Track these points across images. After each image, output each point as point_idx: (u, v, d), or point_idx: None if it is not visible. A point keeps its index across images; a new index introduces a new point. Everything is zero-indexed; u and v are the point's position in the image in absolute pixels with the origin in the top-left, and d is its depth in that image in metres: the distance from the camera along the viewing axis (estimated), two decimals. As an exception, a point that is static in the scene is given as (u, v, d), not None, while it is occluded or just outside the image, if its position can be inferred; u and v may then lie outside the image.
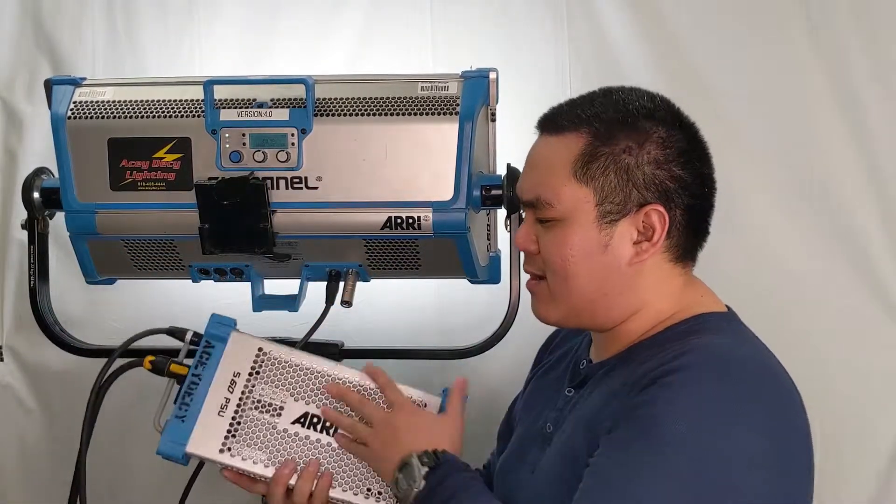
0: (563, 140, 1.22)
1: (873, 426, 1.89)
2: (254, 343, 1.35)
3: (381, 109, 1.46)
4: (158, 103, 1.49)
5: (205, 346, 1.34)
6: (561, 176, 1.21)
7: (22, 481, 2.16)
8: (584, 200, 1.20)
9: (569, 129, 1.22)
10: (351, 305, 1.52)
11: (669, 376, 1.11)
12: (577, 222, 1.20)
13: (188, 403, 1.30)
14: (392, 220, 1.46)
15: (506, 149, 1.57)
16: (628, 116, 1.21)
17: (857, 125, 1.88)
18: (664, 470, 1.07)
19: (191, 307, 2.02)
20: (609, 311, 1.24)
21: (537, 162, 1.25)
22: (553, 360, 1.43)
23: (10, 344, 2.12)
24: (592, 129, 1.21)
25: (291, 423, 1.31)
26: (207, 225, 1.47)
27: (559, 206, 1.21)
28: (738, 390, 1.11)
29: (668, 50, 1.93)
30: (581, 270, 1.21)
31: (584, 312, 1.25)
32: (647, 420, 1.09)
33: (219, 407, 1.30)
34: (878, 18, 1.87)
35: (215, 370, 1.32)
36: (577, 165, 1.20)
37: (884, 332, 1.90)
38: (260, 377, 1.33)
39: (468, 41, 1.98)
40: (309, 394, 1.33)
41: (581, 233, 1.20)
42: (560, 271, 1.22)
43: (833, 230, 1.90)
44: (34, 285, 1.61)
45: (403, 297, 1.96)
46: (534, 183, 1.24)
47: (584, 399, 1.25)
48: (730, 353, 1.16)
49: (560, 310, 1.25)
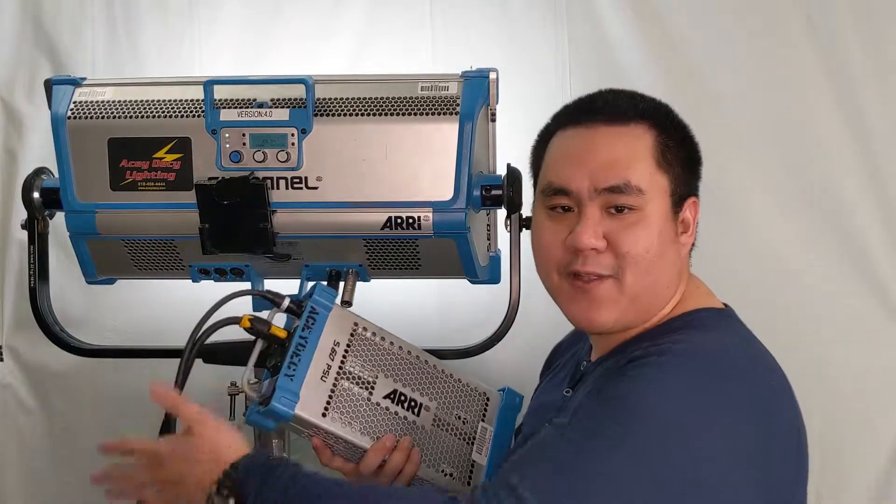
0: (632, 130, 1.21)
1: (873, 426, 1.89)
2: (350, 317, 1.37)
3: (381, 109, 1.46)
4: (158, 103, 1.49)
5: (311, 311, 1.33)
6: (647, 163, 1.20)
7: (22, 481, 2.16)
8: (663, 190, 1.20)
9: (634, 119, 1.22)
10: (351, 305, 1.52)
11: (649, 358, 1.11)
12: (658, 212, 1.19)
13: (296, 363, 1.29)
14: (392, 220, 1.46)
15: (506, 149, 1.57)
16: (669, 113, 1.24)
17: (857, 125, 1.88)
18: (625, 439, 1.06)
19: (191, 307, 2.02)
20: (657, 304, 1.23)
21: (614, 146, 1.21)
22: (558, 367, 1.44)
23: (10, 344, 2.13)
24: (656, 121, 1.22)
25: (383, 397, 1.34)
26: (207, 225, 1.46)
27: (648, 193, 1.19)
28: (713, 386, 1.11)
29: (667, 50, 1.93)
30: (662, 264, 1.20)
31: (642, 311, 1.22)
32: (614, 393, 1.10)
33: (321, 372, 1.30)
34: (878, 18, 1.87)
35: (319, 336, 1.32)
36: (657, 154, 1.20)
37: (884, 332, 1.90)
38: (353, 351, 1.34)
39: (468, 41, 1.98)
40: (398, 372, 1.36)
41: (662, 223, 1.20)
42: (642, 264, 1.18)
43: (833, 230, 1.90)
44: (34, 285, 1.61)
45: (403, 297, 1.96)
46: (617, 169, 1.19)
47: (577, 395, 1.25)
48: (713, 343, 1.17)
49: (621, 309, 1.21)
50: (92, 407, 2.12)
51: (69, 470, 2.16)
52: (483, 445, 1.39)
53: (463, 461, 1.37)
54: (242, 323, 1.31)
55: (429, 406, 1.37)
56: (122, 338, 2.08)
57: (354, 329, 1.36)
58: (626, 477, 1.05)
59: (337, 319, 1.35)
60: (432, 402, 1.37)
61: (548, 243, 1.24)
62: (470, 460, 1.38)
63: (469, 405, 1.40)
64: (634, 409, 1.08)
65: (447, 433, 1.37)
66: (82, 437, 2.13)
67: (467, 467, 1.37)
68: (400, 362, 1.37)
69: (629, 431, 1.07)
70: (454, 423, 1.38)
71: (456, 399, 1.39)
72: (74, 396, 2.12)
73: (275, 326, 1.33)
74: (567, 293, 1.23)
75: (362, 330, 1.36)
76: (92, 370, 2.05)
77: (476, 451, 1.38)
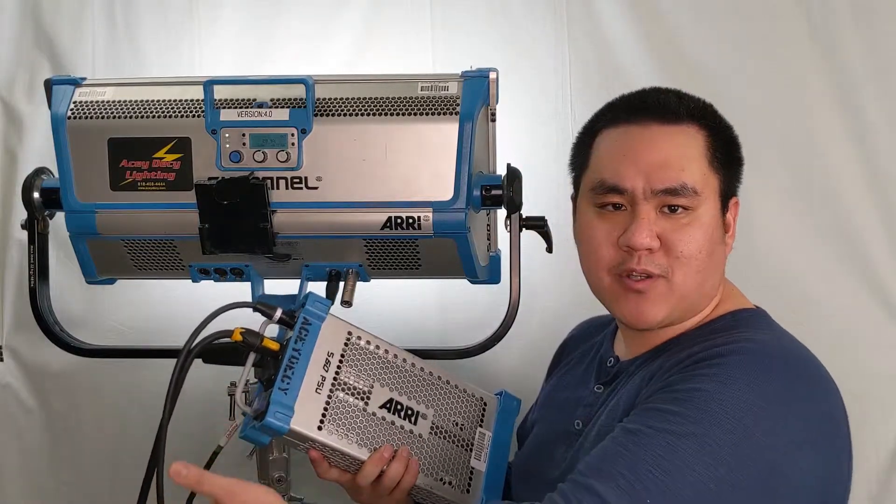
0: (684, 130, 1.22)
1: (873, 426, 1.89)
2: (344, 326, 1.35)
3: (381, 109, 1.46)
4: (158, 103, 1.48)
5: (303, 322, 1.32)
6: (700, 163, 1.21)
7: (22, 481, 2.16)
8: (714, 191, 1.22)
9: (686, 119, 1.22)
10: (351, 305, 1.52)
11: (720, 358, 1.11)
12: (709, 213, 1.21)
13: (290, 377, 1.28)
14: (392, 220, 1.46)
15: (506, 149, 1.57)
16: (715, 114, 1.26)
17: (857, 125, 1.88)
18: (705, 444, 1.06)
19: (191, 307, 2.02)
20: (701, 304, 1.24)
21: (667, 147, 1.21)
22: (573, 361, 1.43)
23: (10, 344, 2.12)
24: (706, 121, 1.23)
25: (379, 407, 1.33)
26: (207, 225, 1.46)
27: (702, 194, 1.20)
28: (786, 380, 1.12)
29: (667, 50, 1.93)
30: (712, 263, 1.22)
31: (687, 307, 1.23)
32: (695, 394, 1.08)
33: (316, 384, 1.29)
34: (878, 18, 1.87)
35: (313, 347, 1.31)
36: (710, 155, 1.21)
37: (884, 332, 1.90)
38: (348, 361, 1.33)
39: (468, 41, 1.98)
40: (394, 381, 1.35)
41: (714, 223, 1.22)
42: (693, 264, 1.20)
43: (833, 230, 1.90)
44: (34, 285, 1.61)
45: (403, 297, 1.96)
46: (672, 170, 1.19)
47: (616, 392, 1.24)
48: (778, 345, 1.18)
49: (671, 306, 1.22)
50: (92, 407, 2.12)
51: (69, 470, 2.16)
52: (482, 451, 1.38)
53: (462, 469, 1.36)
54: (234, 336, 1.30)
55: (426, 414, 1.35)
56: (122, 338, 2.08)
57: (348, 338, 1.34)
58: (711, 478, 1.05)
59: (330, 329, 1.33)
60: (429, 409, 1.36)
61: (598, 242, 1.24)
62: (469, 467, 1.37)
63: (466, 411, 1.39)
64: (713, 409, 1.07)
65: (445, 441, 1.36)
66: (82, 437, 2.13)
67: (466, 474, 1.36)
68: (395, 371, 1.36)
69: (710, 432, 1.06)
70: (452, 430, 1.37)
71: (453, 405, 1.38)
72: (74, 396, 2.12)
73: (267, 339, 1.31)
74: (617, 293, 1.23)
75: (356, 339, 1.35)
76: (92, 370, 2.05)
77: (475, 458, 1.37)
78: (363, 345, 1.35)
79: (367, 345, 1.35)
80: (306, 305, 1.33)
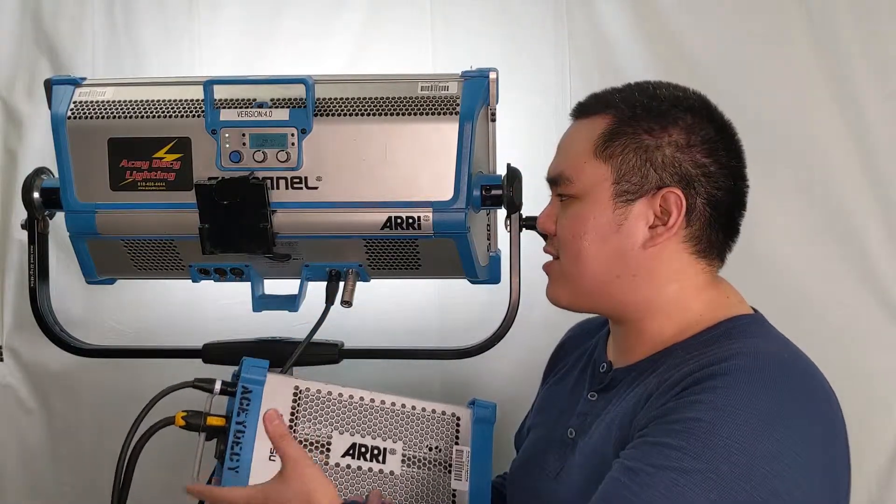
0: (589, 122, 1.25)
1: (873, 426, 1.89)
2: (289, 382, 1.33)
3: (381, 109, 1.46)
4: (158, 103, 1.49)
5: (243, 392, 1.29)
6: (582, 153, 1.23)
7: (22, 481, 2.16)
8: (602, 178, 1.21)
9: (595, 111, 1.25)
10: (351, 305, 1.52)
11: (714, 380, 1.08)
12: (593, 200, 1.22)
13: (238, 453, 1.25)
14: (392, 220, 1.46)
15: (506, 149, 1.57)
16: (654, 101, 1.22)
17: (857, 125, 1.88)
18: (709, 478, 1.03)
19: (191, 307, 2.02)
20: (623, 294, 1.22)
21: (563, 142, 1.29)
22: (567, 366, 1.42)
23: (10, 344, 2.12)
24: (618, 110, 1.23)
25: (341, 456, 1.30)
26: (207, 225, 1.46)
27: (578, 182, 1.23)
28: (784, 395, 1.09)
29: (668, 50, 1.93)
30: (592, 249, 1.22)
31: (596, 295, 1.25)
32: (694, 425, 1.05)
33: (269, 452, 1.26)
34: (878, 18, 1.87)
35: (258, 415, 1.28)
36: (598, 143, 1.22)
37: (884, 332, 1.90)
38: (301, 416, 1.30)
39: (468, 41, 1.98)
40: (352, 424, 1.32)
41: (596, 210, 1.21)
42: (572, 249, 1.23)
43: (833, 230, 1.90)
44: (34, 285, 1.61)
45: (403, 297, 1.96)
46: (558, 161, 1.27)
47: (611, 403, 1.22)
48: (773, 357, 1.13)
49: (571, 291, 1.26)
50: (92, 407, 2.12)
51: (69, 470, 2.16)
52: (462, 470, 1.35)
53: (443, 494, 1.33)
54: (176, 422, 1.29)
55: (394, 449, 1.33)
56: (122, 338, 2.08)
57: (296, 393, 1.32)
58: None
59: (274, 390, 1.30)
60: (397, 443, 1.33)
61: None
62: (450, 490, 1.34)
63: (439, 432, 1.36)
64: (715, 441, 1.04)
65: (420, 469, 1.33)
66: (82, 437, 2.13)
67: (448, 498, 1.33)
68: (353, 412, 1.33)
69: (714, 467, 1.03)
70: (426, 457, 1.34)
71: (423, 430, 1.36)
72: (74, 396, 2.12)
73: (211, 417, 1.30)
74: None
75: (305, 391, 1.32)
76: (92, 370, 2.05)
77: (455, 479, 1.34)
78: (313, 394, 1.32)
79: (318, 393, 1.32)
80: (242, 373, 1.30)
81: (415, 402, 1.37)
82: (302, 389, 1.32)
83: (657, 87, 1.25)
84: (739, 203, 1.25)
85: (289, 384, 1.32)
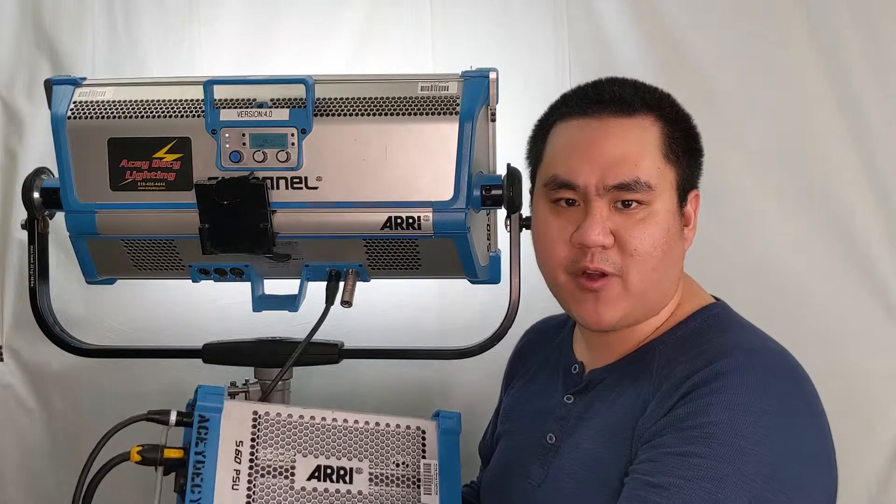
0: (639, 121, 1.17)
1: (873, 426, 1.89)
2: (247, 408, 1.29)
3: (381, 109, 1.46)
4: (158, 103, 1.49)
5: (200, 421, 1.25)
6: (655, 157, 1.16)
7: (22, 481, 2.16)
8: (671, 184, 1.17)
9: (641, 110, 1.18)
10: (351, 305, 1.52)
11: (720, 379, 1.07)
12: (665, 207, 1.16)
13: (200, 485, 1.21)
14: (392, 220, 1.46)
15: (506, 149, 1.57)
16: (672, 104, 1.21)
17: (857, 125, 1.88)
18: (741, 479, 1.02)
19: (191, 307, 2.02)
20: (660, 301, 1.19)
21: (623, 141, 1.17)
22: (532, 370, 1.39)
23: (10, 344, 2.12)
24: (661, 112, 1.18)
25: (307, 479, 1.28)
26: (207, 225, 1.46)
27: (657, 189, 1.15)
28: (782, 388, 1.09)
29: (668, 50, 1.93)
30: (668, 258, 1.16)
31: (646, 307, 1.19)
32: (712, 429, 1.04)
33: (231, 481, 1.24)
34: (878, 18, 1.87)
35: (217, 444, 1.25)
36: (665, 147, 1.17)
37: (884, 333, 1.90)
38: (262, 441, 1.28)
39: (468, 41, 1.98)
40: (316, 446, 1.30)
41: (670, 218, 1.16)
42: (650, 262, 1.15)
43: (833, 230, 1.90)
44: (34, 285, 1.61)
45: (403, 297, 1.96)
46: (626, 164, 1.15)
47: (593, 406, 1.21)
48: (763, 350, 1.13)
49: (628, 307, 1.17)
50: (92, 407, 2.12)
51: (69, 470, 2.16)
52: (431, 483, 1.32)
53: None
54: (132, 458, 1.25)
55: (360, 468, 1.30)
56: (122, 338, 2.08)
57: (255, 418, 1.28)
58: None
59: (232, 416, 1.27)
60: (363, 461, 1.31)
61: (552, 239, 1.20)
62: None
63: (405, 447, 1.34)
64: (738, 443, 1.04)
65: (389, 486, 1.30)
66: (82, 437, 2.12)
67: None
68: (317, 433, 1.30)
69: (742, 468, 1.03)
70: (394, 473, 1.31)
71: (388, 447, 1.33)
72: (74, 396, 2.12)
73: (168, 449, 1.26)
74: (573, 292, 1.19)
75: (264, 415, 1.28)
76: (92, 370, 2.05)
77: (425, 493, 1.31)
78: (273, 418, 1.29)
79: (279, 417, 1.29)
80: (198, 401, 1.27)
81: (378, 418, 1.34)
82: (261, 414, 1.28)
83: (645, 85, 1.24)
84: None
85: (247, 409, 1.28)
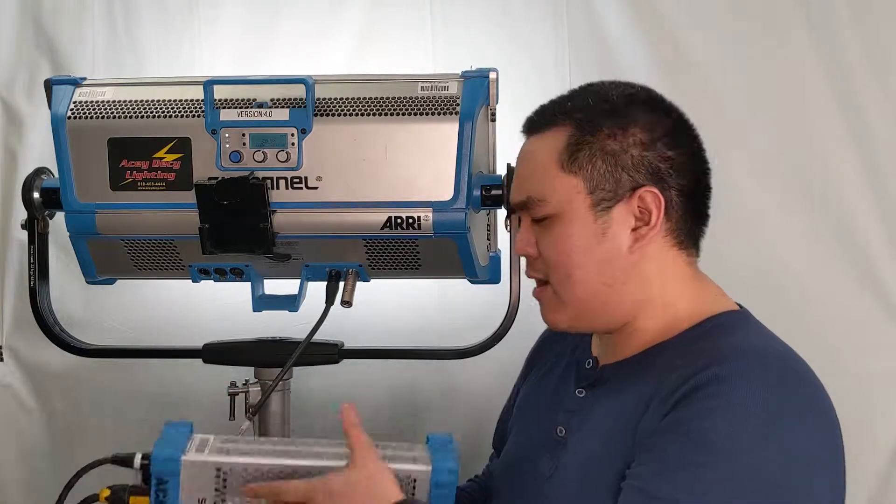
0: (546, 136, 1.22)
1: (873, 426, 1.89)
2: (208, 464, 1.19)
3: (381, 109, 1.46)
4: (158, 103, 1.49)
5: (157, 485, 1.18)
6: (549, 170, 1.20)
7: (22, 481, 2.16)
8: (576, 191, 1.19)
9: (550, 125, 1.22)
10: (351, 305, 1.52)
11: (714, 385, 1.07)
12: (572, 214, 1.19)
13: None
14: (392, 220, 1.46)
15: (506, 149, 1.57)
16: (607, 103, 1.21)
17: (857, 125, 1.88)
18: (732, 485, 1.04)
19: (191, 307, 2.02)
20: (618, 304, 1.21)
21: (523, 163, 1.25)
22: (550, 363, 1.40)
23: (10, 344, 2.12)
24: (574, 120, 1.21)
25: None
26: (207, 225, 1.47)
27: (552, 200, 1.20)
28: (785, 392, 1.09)
29: (668, 50, 1.93)
30: (583, 264, 1.19)
31: (593, 311, 1.22)
32: (712, 434, 1.05)
33: None
34: (878, 18, 1.87)
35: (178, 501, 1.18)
36: (564, 157, 1.19)
37: (884, 333, 1.90)
38: (228, 494, 1.20)
39: (468, 41, 1.98)
40: None
41: (578, 224, 1.19)
42: (562, 268, 1.20)
43: (833, 230, 1.90)
44: (34, 285, 1.61)
45: (403, 297, 1.96)
46: (523, 183, 1.24)
47: (601, 401, 1.22)
48: (766, 353, 1.14)
49: (569, 312, 1.23)
50: (92, 407, 2.11)
51: (69, 470, 2.15)
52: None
53: None
54: (101, 498, 1.23)
55: None
56: (122, 338, 2.08)
57: (217, 475, 1.19)
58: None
59: (193, 474, 1.18)
60: None
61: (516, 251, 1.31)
62: None
63: None
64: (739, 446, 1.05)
65: None
66: (82, 437, 2.12)
67: None
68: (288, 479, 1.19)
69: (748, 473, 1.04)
70: None
71: None
72: (74, 396, 2.12)
73: (134, 497, 1.22)
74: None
75: (228, 472, 1.19)
76: (92, 370, 2.05)
77: None
78: (239, 473, 1.19)
79: (245, 471, 1.19)
80: (153, 466, 1.19)
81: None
82: (225, 470, 1.19)
83: (607, 87, 1.24)
84: (707, 187, 1.25)
85: (209, 466, 1.19)
